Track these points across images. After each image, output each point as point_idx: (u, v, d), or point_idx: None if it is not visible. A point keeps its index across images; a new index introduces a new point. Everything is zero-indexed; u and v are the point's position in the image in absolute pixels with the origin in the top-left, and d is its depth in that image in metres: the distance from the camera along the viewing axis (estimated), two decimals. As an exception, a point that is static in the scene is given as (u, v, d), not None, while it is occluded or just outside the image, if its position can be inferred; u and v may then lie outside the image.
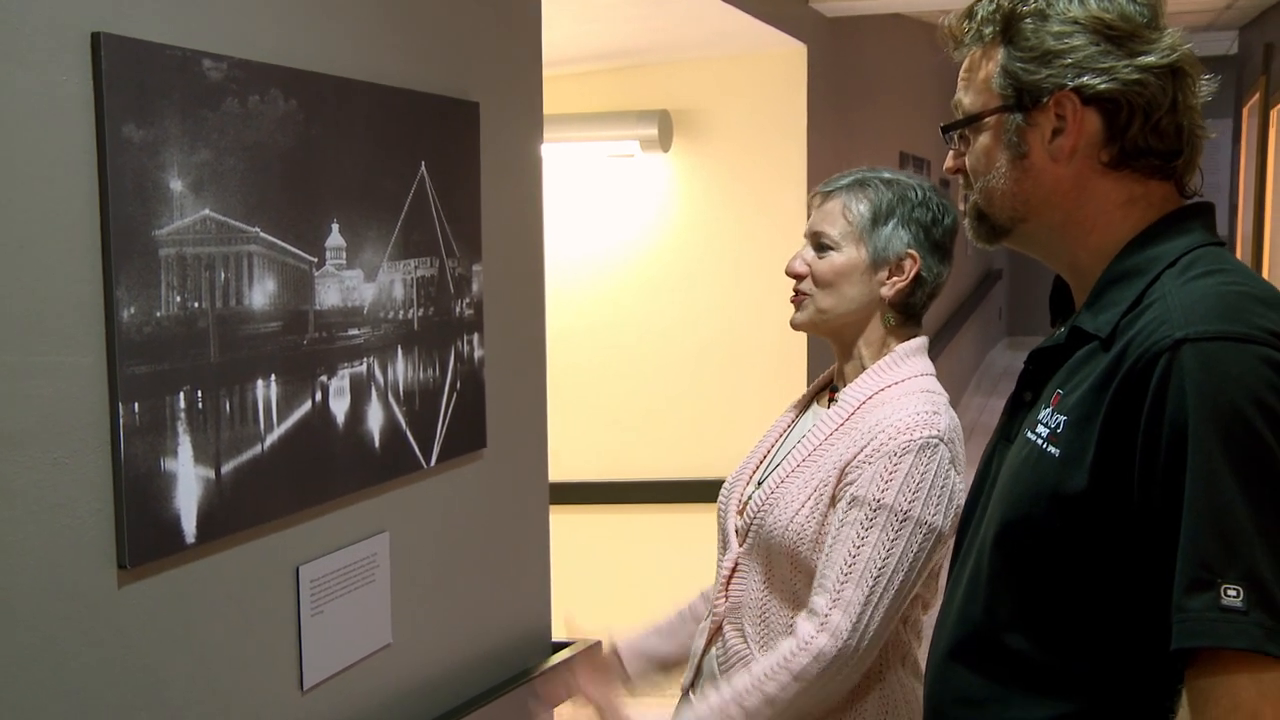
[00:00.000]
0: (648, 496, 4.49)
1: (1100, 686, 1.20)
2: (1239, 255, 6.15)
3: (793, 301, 1.92)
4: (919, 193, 1.86)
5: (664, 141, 4.30)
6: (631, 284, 4.52)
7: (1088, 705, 1.20)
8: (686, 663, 2.01)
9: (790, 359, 4.29)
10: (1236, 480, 1.06)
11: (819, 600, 1.72)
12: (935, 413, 1.76)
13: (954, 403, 1.89)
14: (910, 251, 1.83)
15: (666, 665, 2.06)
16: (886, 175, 1.88)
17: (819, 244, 1.87)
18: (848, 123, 5.03)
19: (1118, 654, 1.19)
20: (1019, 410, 1.34)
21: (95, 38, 1.38)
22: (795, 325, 1.93)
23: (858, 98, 5.24)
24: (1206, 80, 1.26)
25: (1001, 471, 1.31)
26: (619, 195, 4.50)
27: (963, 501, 1.75)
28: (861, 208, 1.84)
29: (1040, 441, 1.23)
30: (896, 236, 1.83)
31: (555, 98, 3.01)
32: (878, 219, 1.83)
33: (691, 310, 4.46)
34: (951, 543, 1.56)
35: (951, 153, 1.37)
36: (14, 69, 1.30)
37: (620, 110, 4.30)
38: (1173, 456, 1.09)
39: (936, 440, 1.73)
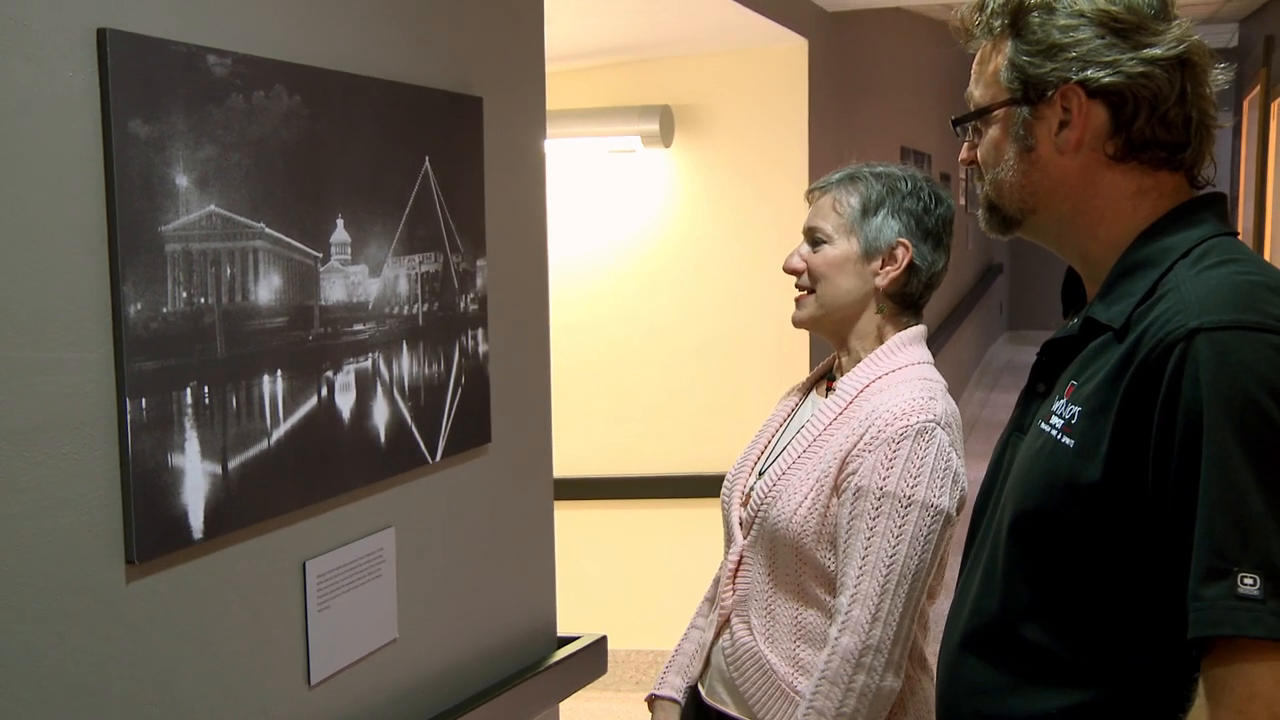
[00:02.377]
0: (652, 491, 4.49)
1: (1116, 676, 1.20)
2: (1240, 248, 6.10)
3: (796, 300, 1.94)
4: (909, 183, 1.89)
5: (665, 137, 4.29)
6: (634, 279, 4.52)
7: (1103, 695, 1.20)
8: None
9: (792, 353, 4.29)
10: (1251, 469, 1.07)
11: (841, 599, 1.74)
12: (931, 398, 1.78)
13: (955, 397, 1.90)
14: (902, 240, 1.86)
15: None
16: (878, 169, 1.92)
17: (813, 239, 1.91)
18: (849, 117, 5.02)
19: (1133, 643, 1.19)
20: (1031, 401, 1.34)
21: (101, 33, 1.38)
22: (796, 322, 1.95)
23: (859, 92, 5.24)
24: (1220, 69, 1.25)
25: (1015, 462, 1.32)
26: (620, 191, 4.50)
27: (966, 484, 1.76)
28: (852, 200, 1.88)
29: (1054, 432, 1.23)
30: (887, 226, 1.86)
31: (557, 93, 3.01)
32: (868, 210, 1.87)
33: (694, 305, 4.46)
34: (960, 530, 1.56)
35: (965, 145, 1.38)
36: (20, 65, 1.30)
37: (622, 105, 4.29)
38: (1187, 446, 1.09)
39: (933, 424, 1.75)
